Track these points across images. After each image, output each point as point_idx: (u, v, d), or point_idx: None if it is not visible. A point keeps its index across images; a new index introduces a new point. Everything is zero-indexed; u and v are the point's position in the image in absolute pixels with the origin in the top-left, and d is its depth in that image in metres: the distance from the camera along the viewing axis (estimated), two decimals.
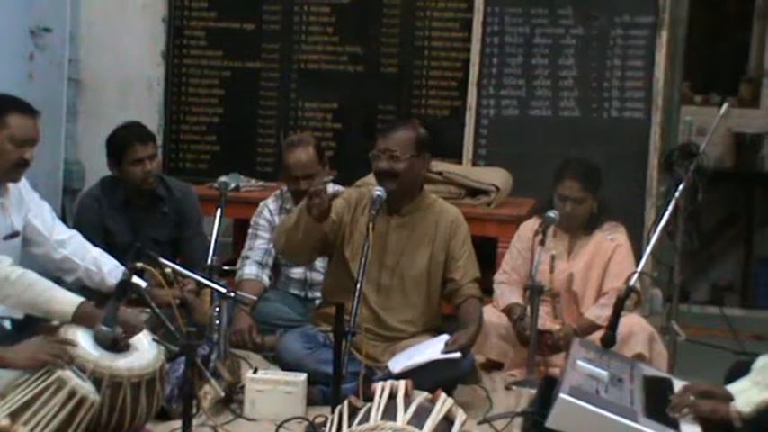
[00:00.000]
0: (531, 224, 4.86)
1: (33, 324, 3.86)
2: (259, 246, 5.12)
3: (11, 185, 4.19)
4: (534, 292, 4.47)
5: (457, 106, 6.30)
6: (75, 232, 4.52)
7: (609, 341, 4.13)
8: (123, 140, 4.86)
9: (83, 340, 3.55)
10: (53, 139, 5.97)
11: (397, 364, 4.07)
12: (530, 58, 6.20)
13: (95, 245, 4.57)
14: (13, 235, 4.23)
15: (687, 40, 6.71)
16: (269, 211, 5.18)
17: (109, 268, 4.45)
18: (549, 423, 3.38)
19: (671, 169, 4.57)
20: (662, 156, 5.72)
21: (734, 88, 8.35)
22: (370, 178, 4.56)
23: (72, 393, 3.33)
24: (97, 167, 5.79)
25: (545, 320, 4.71)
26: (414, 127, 4.44)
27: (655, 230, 4.39)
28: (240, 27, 6.46)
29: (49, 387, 3.33)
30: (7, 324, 4.02)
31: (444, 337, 4.15)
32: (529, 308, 4.49)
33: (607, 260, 4.80)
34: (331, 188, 5.15)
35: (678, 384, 3.81)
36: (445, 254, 4.39)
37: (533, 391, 4.08)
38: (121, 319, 3.64)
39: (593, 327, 4.61)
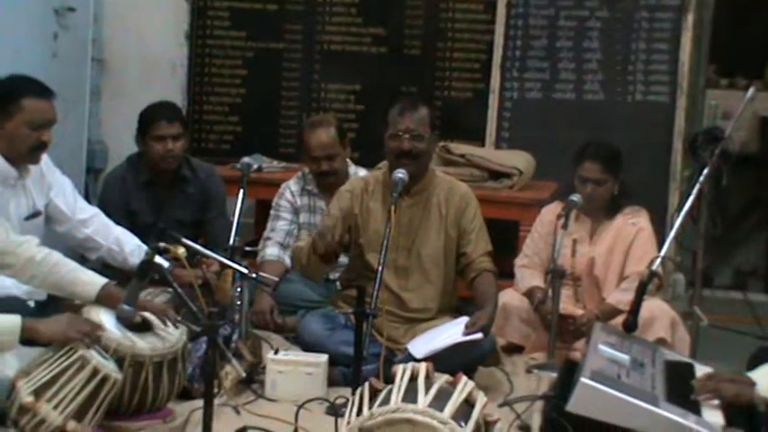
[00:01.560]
0: (553, 208, 4.85)
1: (55, 304, 3.89)
2: (281, 227, 5.13)
3: (31, 165, 4.20)
4: (556, 275, 4.46)
5: (480, 89, 6.27)
6: (97, 211, 4.54)
7: (631, 326, 4.12)
8: (151, 116, 4.89)
9: (106, 320, 3.57)
10: (77, 119, 5.99)
11: (418, 347, 4.07)
12: (554, 41, 6.17)
13: (119, 224, 4.59)
14: (35, 214, 4.25)
15: (713, 23, 6.66)
16: (291, 193, 5.19)
17: (131, 248, 4.47)
18: (570, 407, 3.37)
19: (695, 153, 4.54)
20: (686, 140, 5.68)
21: (760, 72, 8.26)
22: None
23: (95, 372, 3.35)
24: (120, 147, 5.83)
25: (566, 304, 4.70)
26: (427, 105, 4.44)
27: (678, 215, 4.37)
28: (264, 8, 6.44)
29: (72, 365, 3.35)
30: (31, 304, 4.05)
31: (464, 320, 4.15)
32: (550, 292, 4.49)
33: (629, 244, 4.79)
34: (353, 170, 5.17)
35: (700, 370, 3.80)
36: (457, 229, 4.39)
37: (554, 375, 4.07)
38: (149, 307, 3.65)
39: (615, 311, 4.60)
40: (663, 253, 4.27)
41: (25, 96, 4.02)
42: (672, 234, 4.37)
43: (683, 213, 4.34)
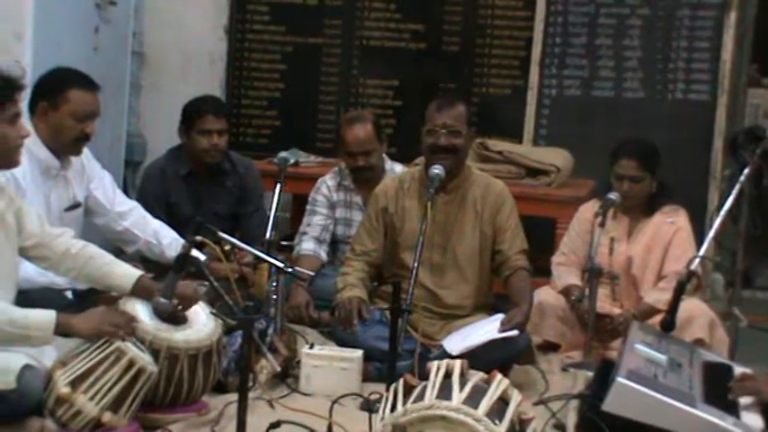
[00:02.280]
0: (591, 206, 4.82)
1: (94, 294, 3.91)
2: (317, 222, 5.14)
3: (73, 157, 4.24)
4: (593, 274, 4.44)
5: (518, 85, 6.24)
6: (135, 204, 4.57)
7: (668, 325, 4.08)
8: (198, 109, 4.91)
9: (141, 313, 3.58)
10: (116, 112, 6.02)
11: (453, 343, 4.06)
12: (594, 38, 6.13)
13: (157, 216, 4.61)
14: (75, 206, 4.28)
15: (756, 22, 6.58)
16: (327, 188, 5.19)
17: (168, 241, 4.49)
18: (606, 406, 3.35)
19: (736, 153, 4.49)
20: (727, 139, 5.63)
21: None
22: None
23: (131, 364, 3.37)
24: (159, 140, 5.86)
25: (603, 303, 4.67)
26: (464, 102, 4.46)
27: (718, 214, 4.32)
28: (303, 2, 6.45)
29: (108, 357, 3.37)
30: (69, 294, 4.08)
31: (499, 317, 4.15)
32: (587, 290, 4.46)
33: (667, 243, 4.75)
34: (389, 165, 5.17)
35: (738, 371, 3.76)
36: (493, 226, 4.38)
37: (590, 374, 4.05)
38: (178, 292, 3.66)
39: (653, 311, 4.57)
40: (702, 253, 4.23)
41: (71, 88, 4.08)
42: (711, 234, 4.33)
43: (722, 213, 4.29)
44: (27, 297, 3.67)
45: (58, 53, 5.13)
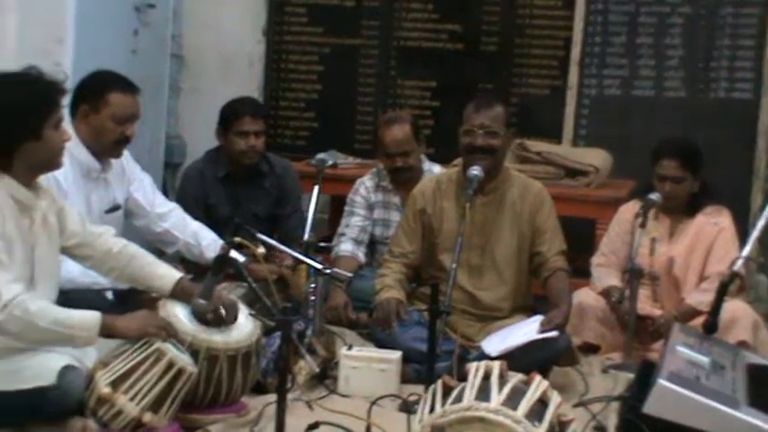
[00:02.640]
0: (631, 206, 4.79)
1: (134, 295, 3.94)
2: (355, 223, 5.14)
3: (113, 160, 4.27)
4: (633, 275, 4.40)
5: (557, 85, 6.21)
6: (175, 205, 4.60)
7: (711, 327, 4.04)
8: (235, 111, 4.93)
9: (181, 314, 3.60)
10: (155, 115, 6.06)
11: (492, 345, 4.05)
12: (634, 37, 6.09)
13: (196, 217, 4.64)
14: (115, 208, 4.31)
15: None
16: (365, 189, 5.19)
17: (207, 242, 4.51)
18: (647, 409, 3.32)
19: None
20: None
21: None
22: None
23: (170, 364, 3.38)
24: (198, 142, 5.89)
25: (644, 304, 4.63)
26: (503, 103, 4.45)
27: (761, 215, 4.27)
28: (340, 3, 6.45)
29: (148, 357, 3.38)
30: (109, 295, 4.10)
31: (538, 318, 4.13)
32: (627, 291, 4.42)
33: (710, 244, 4.70)
34: (427, 166, 5.16)
35: None
36: (532, 227, 4.36)
37: (631, 376, 4.02)
38: (222, 300, 3.67)
39: (695, 312, 4.52)
40: (745, 253, 4.18)
41: (112, 91, 4.12)
42: (755, 234, 4.27)
43: (766, 213, 4.24)
44: (68, 297, 3.70)
45: (98, 56, 5.17)
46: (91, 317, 3.34)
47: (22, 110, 3.29)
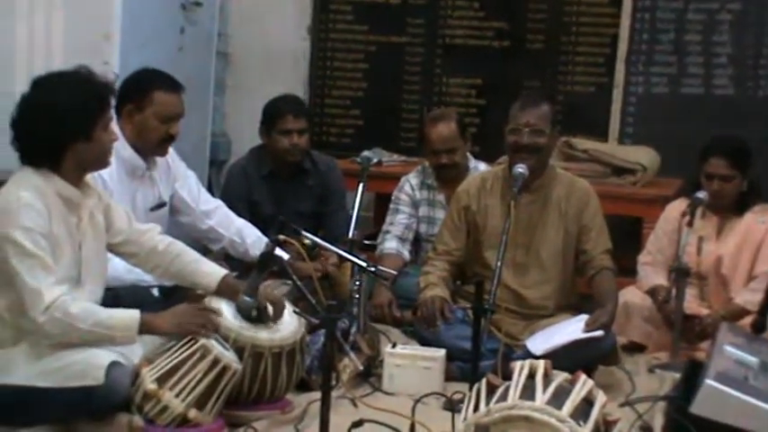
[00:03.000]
0: (678, 205, 4.75)
1: (179, 291, 3.96)
2: (400, 220, 5.14)
3: (158, 157, 4.29)
4: (680, 274, 4.36)
5: (603, 83, 6.17)
6: (220, 203, 4.62)
7: (759, 327, 3.99)
8: (277, 109, 4.95)
9: (226, 311, 3.61)
10: (201, 112, 6.09)
11: (537, 344, 4.03)
12: (682, 34, 6.03)
13: (240, 215, 4.65)
14: (160, 205, 4.34)
15: None
16: (410, 186, 5.19)
17: (252, 240, 4.53)
18: (694, 409, 3.28)
19: None
20: None
21: None
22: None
23: (215, 361, 3.40)
24: (243, 140, 5.91)
25: (691, 304, 4.59)
26: (549, 101, 4.43)
27: None
28: (386, 1, 6.44)
29: (193, 354, 3.40)
30: (155, 292, 4.13)
31: (584, 317, 4.11)
32: (674, 290, 4.39)
33: (758, 243, 4.66)
34: (473, 164, 5.14)
35: None
36: (577, 226, 4.34)
37: (677, 376, 3.98)
38: (270, 297, 3.69)
39: (743, 312, 4.47)
40: None
41: (156, 90, 4.14)
42: None
43: None
44: (115, 294, 3.74)
45: (145, 54, 5.21)
46: (130, 317, 3.36)
47: (75, 111, 3.32)
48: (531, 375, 2.99)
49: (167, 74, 4.27)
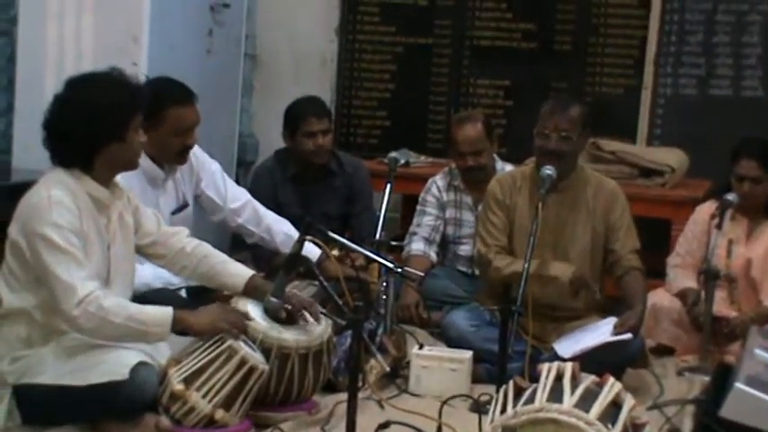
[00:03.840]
0: (708, 207, 4.72)
1: (207, 293, 3.97)
2: (427, 222, 5.13)
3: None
4: (710, 276, 4.34)
5: (632, 85, 6.15)
6: (248, 198, 4.57)
7: None
8: (300, 112, 4.95)
9: (253, 311, 3.62)
10: (229, 113, 6.11)
11: (565, 347, 4.01)
12: (711, 36, 6.00)
13: None
14: (182, 207, 4.33)
15: None
16: (437, 188, 5.18)
17: (281, 239, 4.51)
18: (724, 412, 3.26)
19: None
20: None
21: None
22: None
23: (242, 362, 3.40)
24: (270, 140, 5.93)
25: (721, 306, 4.56)
26: (581, 104, 4.38)
27: None
28: (413, 3, 6.45)
29: (220, 355, 3.41)
30: (183, 293, 4.14)
31: (612, 320, 4.09)
32: (703, 293, 4.36)
33: None
34: (500, 165, 5.13)
35: None
36: (605, 225, 4.31)
37: (707, 379, 3.96)
38: (299, 301, 3.69)
39: None
40: None
41: (169, 107, 4.08)
42: None
43: None
44: (144, 297, 3.74)
45: (173, 56, 5.24)
46: (163, 313, 3.37)
47: (111, 112, 3.33)
48: (559, 378, 2.98)
49: (179, 83, 4.21)
